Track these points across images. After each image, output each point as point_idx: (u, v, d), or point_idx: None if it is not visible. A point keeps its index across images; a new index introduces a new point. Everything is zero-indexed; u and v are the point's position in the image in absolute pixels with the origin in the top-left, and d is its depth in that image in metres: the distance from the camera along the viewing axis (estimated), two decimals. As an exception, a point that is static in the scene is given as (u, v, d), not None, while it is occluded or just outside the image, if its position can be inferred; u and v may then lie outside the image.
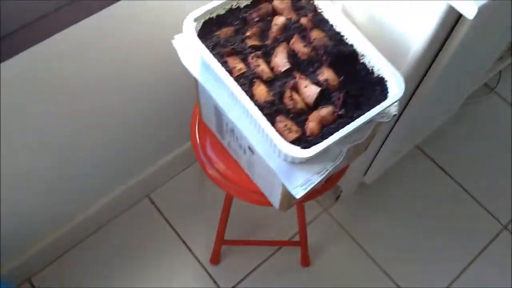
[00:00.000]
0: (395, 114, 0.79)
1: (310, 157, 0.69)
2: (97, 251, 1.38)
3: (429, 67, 0.94)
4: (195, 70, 0.80)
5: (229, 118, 0.78)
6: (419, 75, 0.97)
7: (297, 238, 1.38)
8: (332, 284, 1.38)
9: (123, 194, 1.39)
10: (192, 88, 0.90)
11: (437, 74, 0.93)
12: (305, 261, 1.39)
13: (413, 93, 1.03)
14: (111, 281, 1.34)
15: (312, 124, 0.73)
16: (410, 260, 1.43)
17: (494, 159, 1.61)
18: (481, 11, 0.72)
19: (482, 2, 0.71)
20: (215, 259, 1.38)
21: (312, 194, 0.91)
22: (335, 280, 1.39)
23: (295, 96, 0.75)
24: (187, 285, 1.36)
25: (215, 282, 1.37)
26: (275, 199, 0.88)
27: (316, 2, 0.84)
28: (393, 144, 1.24)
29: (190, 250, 1.40)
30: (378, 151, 1.29)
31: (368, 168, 1.37)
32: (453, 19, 0.82)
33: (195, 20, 0.78)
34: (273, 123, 0.73)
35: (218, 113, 0.84)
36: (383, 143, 1.25)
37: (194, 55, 0.80)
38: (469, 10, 0.72)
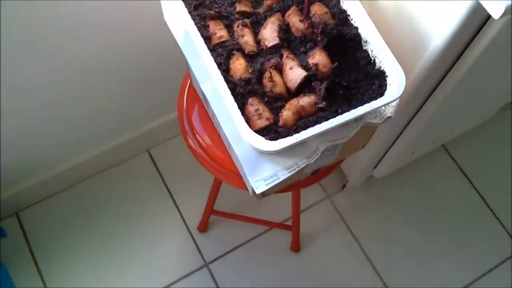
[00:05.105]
0: (390, 116, 0.68)
1: (272, 151, 0.61)
2: (89, 197, 1.36)
3: (451, 67, 0.82)
4: (176, 31, 0.71)
5: (203, 90, 0.70)
6: (440, 73, 0.84)
7: (290, 222, 1.31)
8: (318, 274, 1.31)
9: (123, 145, 1.35)
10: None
11: (458, 77, 0.81)
12: (295, 247, 1.32)
13: (432, 92, 0.90)
14: (97, 227, 1.32)
15: (287, 114, 0.64)
16: (405, 262, 1.33)
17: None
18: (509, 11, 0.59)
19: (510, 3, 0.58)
20: (203, 227, 1.33)
21: (290, 187, 0.83)
22: (322, 270, 1.32)
23: (276, 77, 0.66)
24: (169, 246, 1.32)
25: (199, 250, 1.32)
26: (249, 185, 0.81)
27: (326, -29, 0.72)
28: (406, 143, 1.12)
29: (180, 212, 1.36)
30: (390, 147, 1.17)
31: (377, 163, 1.26)
32: (481, 17, 0.69)
33: (181, -26, 0.69)
34: (243, 104, 0.64)
35: (196, 81, 0.76)
36: (396, 140, 1.13)
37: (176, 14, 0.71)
38: (495, 9, 0.59)
